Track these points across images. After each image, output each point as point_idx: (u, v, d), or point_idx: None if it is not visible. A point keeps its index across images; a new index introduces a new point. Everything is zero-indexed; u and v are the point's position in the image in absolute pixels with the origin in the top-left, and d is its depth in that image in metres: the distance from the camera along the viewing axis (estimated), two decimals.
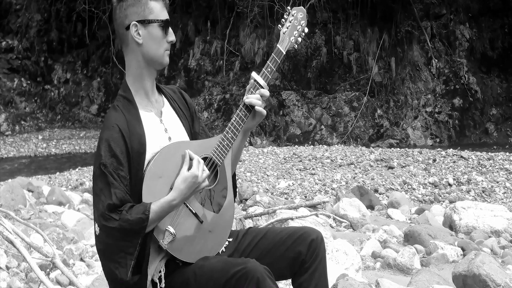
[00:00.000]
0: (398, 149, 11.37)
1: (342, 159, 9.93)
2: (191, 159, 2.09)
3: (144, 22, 2.10)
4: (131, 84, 2.16)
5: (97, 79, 18.61)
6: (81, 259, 4.08)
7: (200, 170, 2.06)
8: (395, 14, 14.97)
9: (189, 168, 2.07)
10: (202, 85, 16.01)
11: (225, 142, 2.18)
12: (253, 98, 2.20)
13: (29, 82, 18.53)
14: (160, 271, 2.10)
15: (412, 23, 15.11)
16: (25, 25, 18.56)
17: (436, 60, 14.95)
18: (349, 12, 15.07)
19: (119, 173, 2.02)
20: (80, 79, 18.79)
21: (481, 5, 15.50)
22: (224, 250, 2.24)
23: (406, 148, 11.50)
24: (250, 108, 2.22)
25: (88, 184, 9.33)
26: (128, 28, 2.11)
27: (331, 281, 3.02)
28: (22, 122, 17.92)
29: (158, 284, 2.09)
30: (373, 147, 12.24)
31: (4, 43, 18.51)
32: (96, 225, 2.04)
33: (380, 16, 15.01)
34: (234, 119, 2.20)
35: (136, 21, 2.09)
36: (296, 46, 2.29)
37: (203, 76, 16.07)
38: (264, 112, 2.23)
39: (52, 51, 18.90)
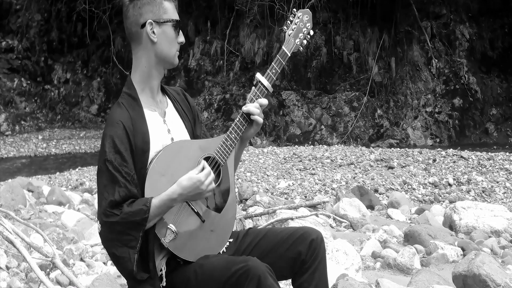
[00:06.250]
0: (398, 149, 11.34)
1: (342, 159, 9.92)
2: (204, 168, 2.09)
3: (159, 21, 2.12)
4: (137, 82, 2.17)
5: (97, 79, 18.61)
6: (81, 259, 4.08)
7: (208, 180, 2.07)
8: (395, 14, 14.96)
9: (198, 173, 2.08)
10: (202, 85, 16.00)
11: (228, 142, 2.18)
12: (251, 106, 2.21)
13: (29, 82, 18.53)
14: (161, 269, 2.11)
15: (412, 23, 15.10)
16: (25, 25, 18.55)
17: (436, 60, 14.94)
18: (349, 12, 15.06)
19: (124, 169, 2.03)
20: (80, 79, 18.79)
21: (481, 5, 15.49)
22: (224, 250, 2.24)
23: (406, 148, 11.47)
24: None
25: (88, 184, 9.32)
26: (143, 26, 2.12)
27: (331, 281, 3.02)
28: (22, 122, 17.91)
29: (160, 282, 2.10)
30: (373, 147, 12.22)
31: (4, 43, 18.50)
32: (98, 221, 2.06)
33: (380, 16, 15.00)
34: (238, 119, 2.21)
35: (152, 20, 2.11)
36: (301, 48, 2.29)
37: (203, 76, 16.06)
38: (261, 120, 2.23)
39: (52, 51, 18.90)
